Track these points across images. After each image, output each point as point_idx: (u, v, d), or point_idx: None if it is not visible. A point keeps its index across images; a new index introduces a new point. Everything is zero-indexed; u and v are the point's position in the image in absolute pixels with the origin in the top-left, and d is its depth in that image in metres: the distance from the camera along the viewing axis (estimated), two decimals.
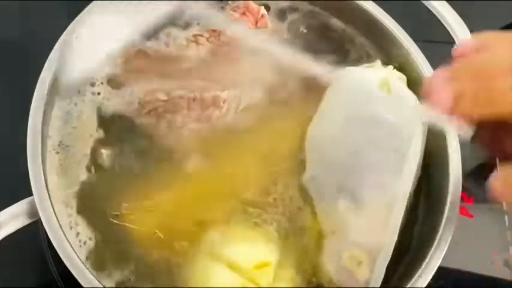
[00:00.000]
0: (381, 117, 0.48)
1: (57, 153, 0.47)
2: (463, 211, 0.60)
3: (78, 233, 0.45)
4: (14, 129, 0.45)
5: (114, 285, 0.44)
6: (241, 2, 0.55)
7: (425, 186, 0.51)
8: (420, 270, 0.45)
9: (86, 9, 0.50)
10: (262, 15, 0.54)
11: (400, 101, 0.49)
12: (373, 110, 0.48)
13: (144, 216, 0.46)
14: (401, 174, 0.47)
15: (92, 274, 0.41)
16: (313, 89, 0.53)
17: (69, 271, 0.41)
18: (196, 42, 0.53)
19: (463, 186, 0.48)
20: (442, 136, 0.50)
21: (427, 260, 0.45)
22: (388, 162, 0.47)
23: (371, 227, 0.46)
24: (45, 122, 0.46)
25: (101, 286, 0.41)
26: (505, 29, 0.69)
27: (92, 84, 0.50)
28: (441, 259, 0.45)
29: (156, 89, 0.50)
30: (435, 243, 0.46)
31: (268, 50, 0.45)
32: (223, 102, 0.51)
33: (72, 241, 0.43)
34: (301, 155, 0.50)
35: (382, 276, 0.45)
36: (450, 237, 0.46)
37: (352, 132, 0.48)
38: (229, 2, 0.55)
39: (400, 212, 0.47)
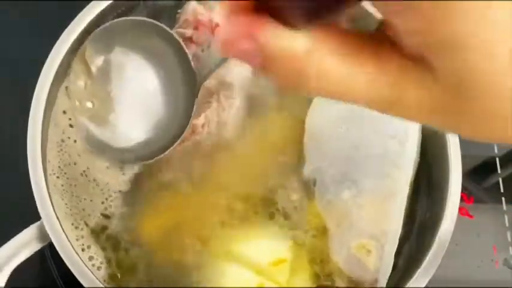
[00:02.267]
0: None
1: (58, 177, 0.47)
2: (463, 211, 0.60)
3: (91, 257, 0.45)
4: (14, 154, 0.45)
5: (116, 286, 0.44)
6: (189, 14, 0.51)
7: (425, 186, 0.51)
8: (419, 270, 0.45)
9: (85, 9, 0.50)
10: (217, 25, 0.50)
11: None
12: None
13: (153, 221, 0.47)
14: (402, 161, 0.47)
15: (93, 274, 0.41)
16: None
17: (69, 271, 0.41)
18: None
19: (463, 186, 0.48)
20: (442, 135, 0.50)
21: (426, 260, 0.45)
22: (388, 150, 0.48)
23: (377, 215, 0.47)
24: (43, 145, 0.46)
25: (102, 286, 0.41)
26: None
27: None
28: (441, 259, 0.45)
29: None
30: (435, 243, 0.46)
31: None
32: (202, 127, 0.49)
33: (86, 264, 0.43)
34: (300, 149, 0.50)
35: (392, 264, 0.45)
36: (450, 237, 0.46)
37: (351, 123, 0.49)
38: (179, 11, 0.52)
39: (403, 199, 0.47)
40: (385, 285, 0.46)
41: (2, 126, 0.58)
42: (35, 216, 0.43)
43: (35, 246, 0.43)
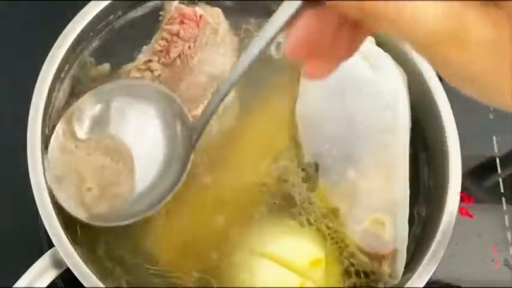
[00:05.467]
0: (364, 80, 0.49)
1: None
2: (463, 211, 0.60)
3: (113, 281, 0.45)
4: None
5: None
6: (173, 11, 0.51)
7: (425, 187, 0.51)
8: (419, 270, 0.45)
9: (85, 8, 0.50)
10: (201, 16, 0.51)
11: (375, 59, 0.49)
12: (353, 75, 0.49)
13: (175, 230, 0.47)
14: (397, 129, 0.48)
15: (94, 274, 0.41)
16: (284, 69, 0.52)
17: (69, 271, 0.42)
18: (150, 70, 0.50)
19: (463, 186, 0.48)
20: (442, 134, 0.50)
21: (426, 259, 0.45)
22: (382, 120, 0.48)
23: (383, 186, 0.47)
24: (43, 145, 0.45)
25: (103, 286, 0.41)
26: None
27: None
28: (440, 259, 0.45)
29: None
30: (435, 243, 0.46)
31: None
32: None
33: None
34: (296, 137, 0.50)
35: (407, 231, 0.46)
36: (450, 237, 0.46)
37: (341, 100, 0.49)
38: (160, 13, 0.52)
39: (405, 164, 0.47)
40: (405, 255, 0.46)
41: (2, 126, 0.58)
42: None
43: (52, 275, 0.42)
